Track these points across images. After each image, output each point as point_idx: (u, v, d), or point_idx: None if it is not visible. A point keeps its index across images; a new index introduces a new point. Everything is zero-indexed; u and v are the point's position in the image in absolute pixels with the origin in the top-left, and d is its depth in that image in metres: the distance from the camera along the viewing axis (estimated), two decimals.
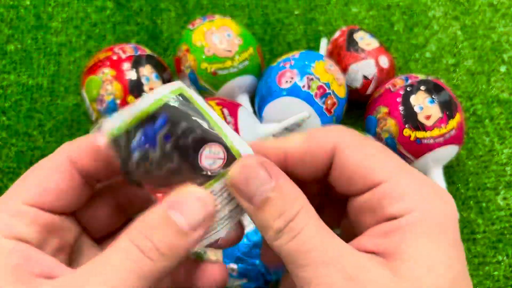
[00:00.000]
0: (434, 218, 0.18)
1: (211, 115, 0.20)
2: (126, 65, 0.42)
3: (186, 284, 0.22)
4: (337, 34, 0.50)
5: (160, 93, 0.19)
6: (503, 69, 0.53)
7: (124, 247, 0.18)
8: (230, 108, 0.41)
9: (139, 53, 0.44)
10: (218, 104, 0.41)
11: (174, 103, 0.19)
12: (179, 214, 0.18)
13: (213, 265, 0.22)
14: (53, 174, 0.19)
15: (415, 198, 0.19)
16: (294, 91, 0.41)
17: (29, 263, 0.18)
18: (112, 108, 0.41)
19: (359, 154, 0.20)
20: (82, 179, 0.20)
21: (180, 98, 0.19)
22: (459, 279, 0.18)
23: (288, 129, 0.43)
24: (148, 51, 0.45)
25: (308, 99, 0.41)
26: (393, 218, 0.19)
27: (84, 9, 0.57)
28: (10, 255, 0.17)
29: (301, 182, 0.20)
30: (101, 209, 0.22)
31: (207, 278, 0.22)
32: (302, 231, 0.18)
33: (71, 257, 0.21)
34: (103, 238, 0.23)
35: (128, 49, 0.43)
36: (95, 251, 0.22)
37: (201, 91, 0.45)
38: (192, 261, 0.22)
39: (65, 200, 0.20)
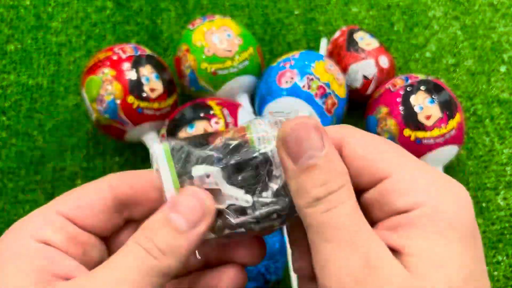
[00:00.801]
0: (444, 212, 0.18)
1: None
2: (126, 65, 0.42)
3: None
4: (337, 34, 0.50)
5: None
6: (503, 69, 0.53)
7: (131, 249, 0.19)
8: (230, 108, 0.41)
9: (139, 53, 0.44)
10: (218, 104, 0.41)
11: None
12: (177, 215, 0.19)
13: (231, 268, 0.23)
14: (90, 194, 0.21)
15: (425, 192, 0.18)
16: (294, 91, 0.41)
17: (52, 264, 0.19)
18: (112, 108, 0.41)
19: (367, 148, 0.19)
20: (116, 207, 0.22)
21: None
22: (473, 279, 0.17)
23: None
24: (148, 51, 0.45)
25: (308, 99, 0.41)
26: (402, 212, 0.18)
27: (84, 9, 0.57)
28: (35, 256, 0.19)
29: None
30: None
31: (228, 280, 0.23)
32: (339, 206, 0.18)
33: None
34: None
35: (128, 49, 0.43)
36: None
37: (201, 91, 0.45)
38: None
39: (96, 220, 0.21)
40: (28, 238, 0.19)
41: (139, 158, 0.48)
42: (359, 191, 0.20)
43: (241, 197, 0.20)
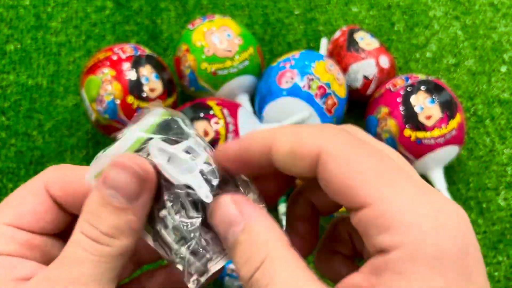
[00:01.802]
0: (427, 254, 0.15)
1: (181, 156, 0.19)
2: (126, 65, 0.42)
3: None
4: (337, 34, 0.50)
5: (141, 128, 0.19)
6: (503, 69, 0.53)
7: (77, 240, 0.18)
8: (230, 108, 0.41)
9: (139, 53, 0.43)
10: (218, 104, 0.41)
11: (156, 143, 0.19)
12: (113, 191, 0.18)
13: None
14: (30, 197, 0.20)
15: (404, 228, 0.15)
16: (294, 91, 0.41)
17: (11, 270, 0.19)
18: (112, 108, 0.41)
19: (343, 168, 0.17)
20: (58, 206, 0.21)
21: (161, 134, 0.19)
22: None
23: None
24: (148, 51, 0.45)
25: (308, 99, 0.41)
26: (382, 251, 0.16)
27: (84, 9, 0.57)
28: None
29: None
30: None
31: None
32: (271, 283, 0.16)
33: None
34: None
35: (128, 49, 0.43)
36: None
37: (201, 91, 0.45)
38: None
39: (43, 222, 0.20)
40: None
41: None
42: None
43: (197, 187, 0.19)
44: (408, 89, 0.41)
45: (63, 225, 0.21)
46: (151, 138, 0.19)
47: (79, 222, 0.19)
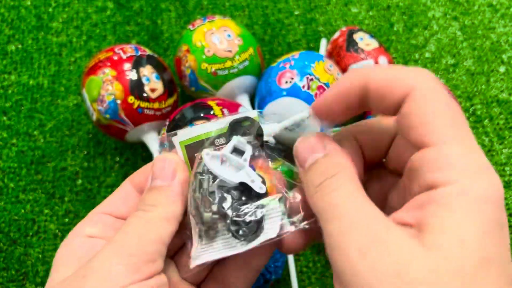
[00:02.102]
0: (473, 194, 0.17)
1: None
2: (127, 65, 0.42)
3: None
4: (336, 34, 0.50)
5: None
6: (502, 69, 0.53)
7: (137, 222, 0.23)
8: (231, 108, 0.41)
9: (139, 53, 0.44)
10: (218, 104, 0.41)
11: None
12: (154, 180, 0.24)
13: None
14: (120, 192, 0.26)
15: (458, 170, 0.18)
16: (294, 91, 0.42)
17: (92, 249, 0.23)
18: (113, 108, 0.42)
19: (429, 106, 0.19)
20: (138, 194, 0.26)
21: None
22: (491, 262, 0.17)
23: (288, 129, 0.43)
24: (148, 52, 0.45)
25: (308, 99, 0.41)
26: (432, 187, 0.18)
27: (85, 10, 0.57)
28: (77, 248, 0.24)
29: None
30: None
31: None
32: (337, 189, 0.20)
33: None
34: None
35: (129, 50, 0.44)
36: None
37: (202, 91, 0.46)
38: None
39: (126, 208, 0.25)
40: (76, 236, 0.24)
41: (140, 157, 0.49)
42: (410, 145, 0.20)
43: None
44: None
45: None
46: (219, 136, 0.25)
47: (136, 212, 0.24)
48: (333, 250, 0.19)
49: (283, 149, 0.25)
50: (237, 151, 0.24)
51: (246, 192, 0.23)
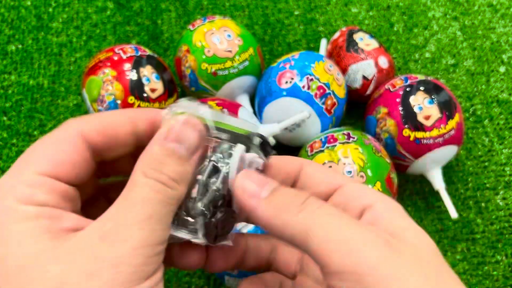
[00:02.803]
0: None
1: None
2: (127, 66, 0.42)
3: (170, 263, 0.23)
4: (336, 34, 0.50)
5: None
6: (502, 69, 0.53)
7: (146, 182, 0.19)
8: (230, 108, 0.41)
9: (139, 53, 0.44)
10: (218, 104, 0.41)
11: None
12: (178, 144, 0.20)
13: (193, 250, 0.23)
14: (66, 146, 0.20)
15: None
16: (294, 92, 0.42)
17: (58, 221, 0.19)
18: (113, 108, 0.42)
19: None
20: (91, 154, 0.21)
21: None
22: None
23: (288, 129, 0.43)
24: (148, 52, 0.45)
25: (308, 99, 0.41)
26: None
27: (85, 10, 0.57)
28: (37, 218, 0.18)
29: None
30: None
31: (188, 260, 0.23)
32: (322, 206, 0.20)
33: None
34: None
35: (129, 50, 0.44)
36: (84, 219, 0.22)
37: (202, 91, 0.46)
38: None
39: (78, 172, 0.20)
40: (18, 204, 0.18)
41: None
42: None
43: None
44: (407, 89, 0.41)
45: (90, 176, 0.21)
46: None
47: (139, 169, 0.20)
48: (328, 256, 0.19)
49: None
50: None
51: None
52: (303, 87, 0.41)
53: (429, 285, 0.18)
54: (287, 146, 0.46)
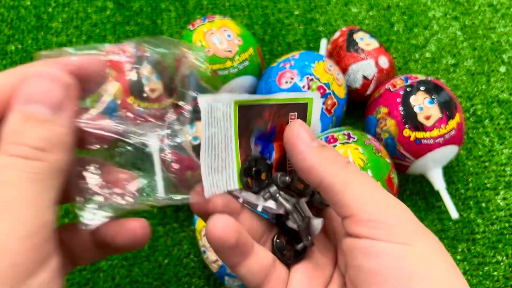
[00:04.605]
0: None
1: None
2: (127, 66, 0.42)
3: (108, 244, 0.21)
4: (337, 34, 0.50)
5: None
6: (503, 69, 0.53)
7: (4, 163, 0.16)
8: None
9: (139, 53, 0.44)
10: None
11: None
12: (34, 105, 0.16)
13: (132, 221, 0.21)
14: None
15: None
16: (294, 91, 0.41)
17: None
18: (112, 109, 0.41)
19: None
20: None
21: None
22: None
23: None
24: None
25: None
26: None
27: (85, 10, 0.57)
28: None
29: None
30: None
31: (127, 234, 0.21)
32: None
33: None
34: None
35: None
36: None
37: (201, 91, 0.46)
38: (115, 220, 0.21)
39: None
40: None
41: None
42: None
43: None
44: (407, 89, 0.41)
45: None
46: None
47: (1, 147, 0.16)
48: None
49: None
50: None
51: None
52: (303, 87, 0.41)
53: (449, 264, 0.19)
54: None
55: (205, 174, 0.21)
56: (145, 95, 0.42)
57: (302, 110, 0.24)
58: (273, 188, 0.24)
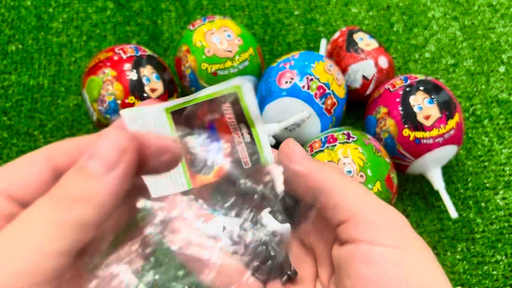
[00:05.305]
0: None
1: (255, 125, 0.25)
2: (127, 66, 0.42)
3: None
4: (336, 34, 0.50)
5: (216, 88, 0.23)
6: (502, 69, 0.53)
7: (41, 203, 0.17)
8: None
9: (139, 53, 0.44)
10: None
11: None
12: (92, 160, 0.17)
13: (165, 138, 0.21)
14: (25, 167, 0.19)
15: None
16: (294, 92, 0.42)
17: None
18: (113, 108, 0.42)
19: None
20: (54, 178, 0.19)
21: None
22: None
23: (288, 129, 0.43)
24: (148, 52, 0.45)
25: (308, 99, 0.41)
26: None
27: (85, 10, 0.57)
28: None
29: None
30: None
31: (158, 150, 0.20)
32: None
33: None
34: None
35: (129, 50, 0.44)
36: None
37: None
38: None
39: (32, 193, 0.19)
40: None
41: None
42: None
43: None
44: (407, 89, 0.42)
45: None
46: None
47: (48, 191, 0.17)
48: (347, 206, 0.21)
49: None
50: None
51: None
52: (303, 87, 0.42)
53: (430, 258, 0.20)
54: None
55: (147, 179, 0.22)
56: (145, 95, 0.43)
57: (233, 100, 0.24)
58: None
